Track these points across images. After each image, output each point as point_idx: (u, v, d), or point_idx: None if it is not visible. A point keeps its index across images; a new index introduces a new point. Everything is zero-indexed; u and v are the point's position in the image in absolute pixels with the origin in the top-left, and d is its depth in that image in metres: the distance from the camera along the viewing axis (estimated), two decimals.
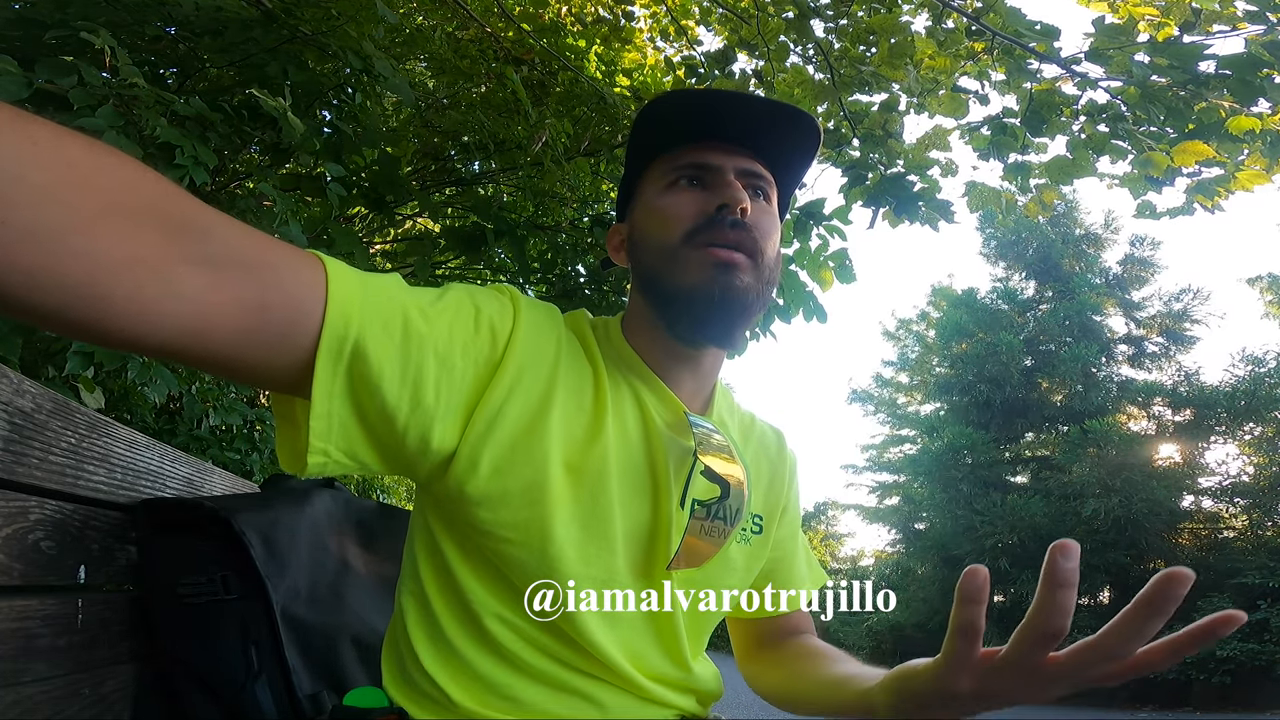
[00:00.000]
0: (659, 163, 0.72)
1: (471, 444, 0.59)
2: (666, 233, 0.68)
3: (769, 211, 0.71)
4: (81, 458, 0.73)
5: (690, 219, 0.67)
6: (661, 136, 0.72)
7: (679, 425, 0.70)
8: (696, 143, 0.70)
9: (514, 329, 0.62)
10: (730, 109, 0.69)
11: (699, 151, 0.70)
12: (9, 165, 0.36)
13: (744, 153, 0.71)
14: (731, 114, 0.69)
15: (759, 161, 0.72)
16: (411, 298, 0.56)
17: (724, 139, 0.70)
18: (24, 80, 1.43)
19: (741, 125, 0.69)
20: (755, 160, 0.71)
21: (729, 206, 0.66)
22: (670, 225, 0.68)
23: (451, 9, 3.22)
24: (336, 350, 0.50)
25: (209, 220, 0.45)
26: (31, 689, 0.63)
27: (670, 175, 0.70)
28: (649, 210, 0.71)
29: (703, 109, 0.69)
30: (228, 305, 0.44)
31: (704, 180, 0.69)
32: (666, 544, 0.66)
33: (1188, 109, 2.39)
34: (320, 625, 0.88)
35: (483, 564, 0.64)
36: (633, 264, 0.74)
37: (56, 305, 0.39)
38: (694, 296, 0.65)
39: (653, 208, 0.70)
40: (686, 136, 0.70)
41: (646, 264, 0.70)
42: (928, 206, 2.68)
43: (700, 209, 0.67)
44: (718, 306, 0.65)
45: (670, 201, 0.69)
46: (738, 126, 0.70)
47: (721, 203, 0.66)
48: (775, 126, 0.70)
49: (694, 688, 0.73)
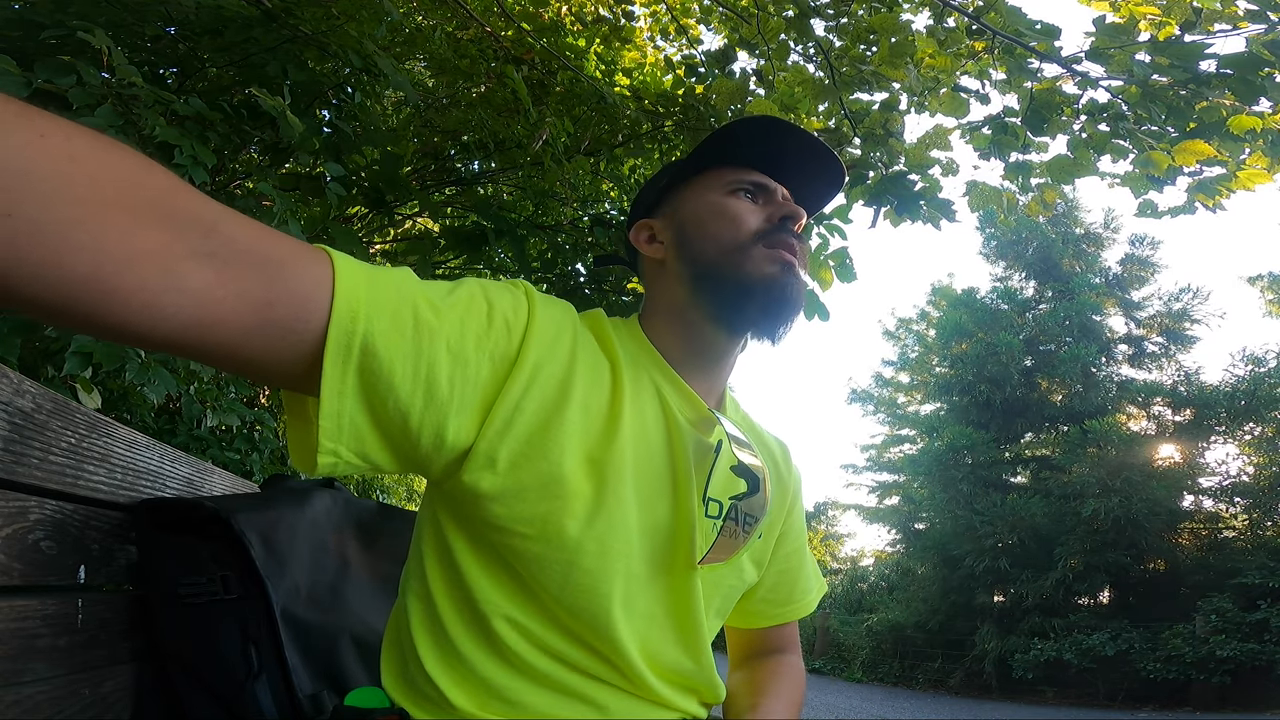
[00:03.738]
0: (718, 173, 0.78)
1: (489, 439, 0.58)
2: (737, 230, 0.74)
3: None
4: (81, 458, 0.73)
5: (760, 222, 0.74)
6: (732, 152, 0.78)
7: (701, 422, 0.71)
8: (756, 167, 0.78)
9: (529, 323, 0.62)
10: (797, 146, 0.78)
11: (759, 175, 0.78)
12: (15, 160, 0.36)
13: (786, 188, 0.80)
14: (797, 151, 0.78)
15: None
16: (422, 291, 0.56)
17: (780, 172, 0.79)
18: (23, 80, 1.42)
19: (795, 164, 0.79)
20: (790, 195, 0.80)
21: (793, 219, 0.75)
22: (741, 224, 0.74)
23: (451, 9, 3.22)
24: (345, 346, 0.49)
25: (215, 215, 0.45)
26: (31, 689, 0.63)
27: (732, 185, 0.77)
28: (713, 209, 0.76)
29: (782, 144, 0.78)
30: (233, 300, 0.44)
31: (761, 198, 0.77)
32: (688, 539, 0.67)
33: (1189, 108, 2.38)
34: (320, 625, 0.87)
35: (495, 562, 0.64)
36: (683, 255, 0.76)
37: (61, 299, 0.39)
38: (762, 287, 0.71)
39: (719, 207, 0.76)
40: (751, 160, 0.78)
41: (709, 256, 0.74)
42: (929, 206, 2.68)
43: (767, 216, 0.75)
44: (780, 298, 0.72)
45: (737, 205, 0.75)
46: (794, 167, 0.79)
47: (787, 214, 0.74)
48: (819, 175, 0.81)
49: (702, 685, 0.73)
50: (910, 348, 14.52)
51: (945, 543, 10.62)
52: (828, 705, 8.40)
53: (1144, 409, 10.90)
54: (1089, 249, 12.04)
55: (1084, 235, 12.08)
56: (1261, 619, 7.42)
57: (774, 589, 0.86)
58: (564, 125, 2.72)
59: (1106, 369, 11.33)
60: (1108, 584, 9.58)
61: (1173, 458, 10.04)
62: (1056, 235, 11.94)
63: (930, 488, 11.81)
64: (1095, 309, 11.32)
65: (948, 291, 13.49)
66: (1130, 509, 8.80)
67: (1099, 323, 11.44)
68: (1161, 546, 9.24)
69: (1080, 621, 8.81)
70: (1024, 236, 12.08)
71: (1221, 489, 9.66)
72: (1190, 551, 9.51)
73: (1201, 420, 9.90)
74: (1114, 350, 11.56)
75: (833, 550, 20.46)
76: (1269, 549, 8.44)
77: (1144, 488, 9.00)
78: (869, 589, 13.86)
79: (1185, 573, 9.05)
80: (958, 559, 10.22)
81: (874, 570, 15.16)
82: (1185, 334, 11.17)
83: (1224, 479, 9.69)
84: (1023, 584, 9.31)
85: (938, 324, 13.08)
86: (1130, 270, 11.76)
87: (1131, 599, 9.35)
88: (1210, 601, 7.89)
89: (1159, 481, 9.19)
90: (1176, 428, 10.26)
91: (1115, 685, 8.22)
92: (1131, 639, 8.17)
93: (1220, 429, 9.84)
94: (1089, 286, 11.37)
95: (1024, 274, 12.44)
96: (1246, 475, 9.55)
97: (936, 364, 13.06)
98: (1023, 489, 10.82)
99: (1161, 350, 11.35)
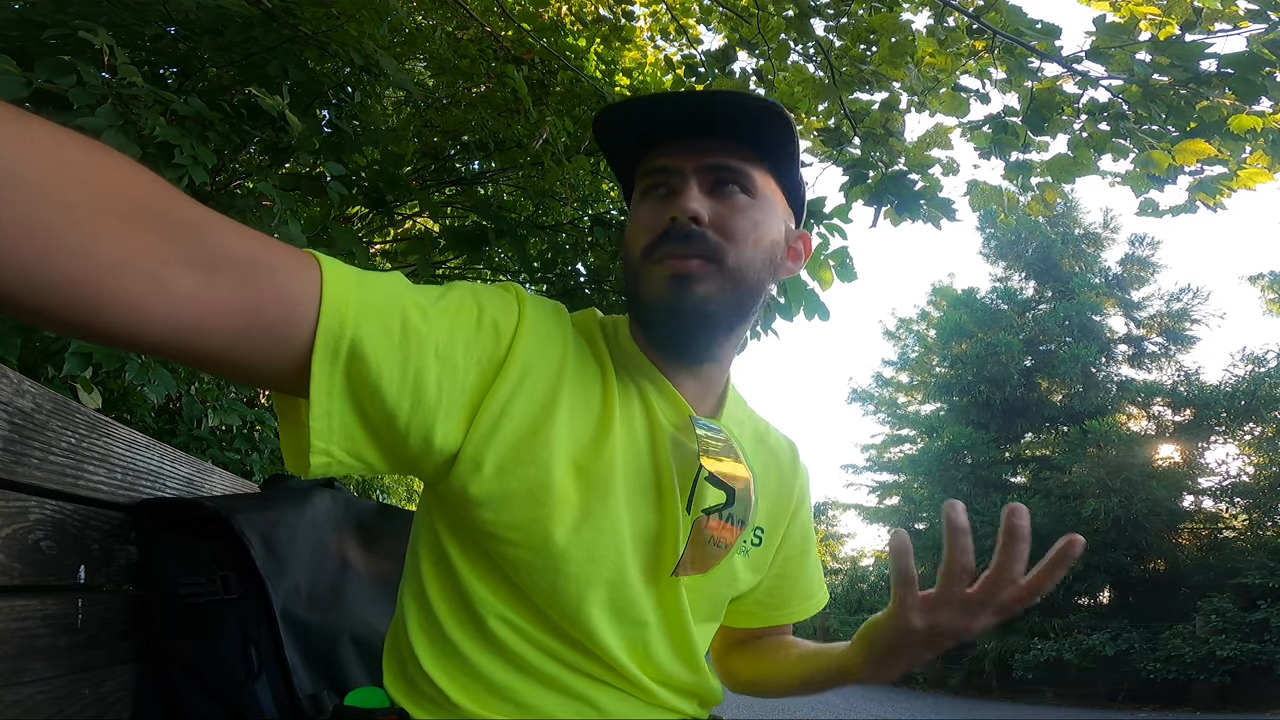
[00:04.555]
0: (639, 169, 0.71)
1: (475, 444, 0.58)
2: (632, 248, 0.68)
3: (740, 205, 0.67)
4: (81, 458, 0.73)
5: (647, 233, 0.67)
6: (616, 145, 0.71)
7: (685, 428, 0.70)
8: (659, 145, 0.68)
9: (519, 327, 0.62)
10: (673, 106, 0.68)
11: (661, 155, 0.68)
12: (5, 163, 0.36)
13: (711, 146, 0.67)
14: (677, 110, 0.67)
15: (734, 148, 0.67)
16: (411, 296, 0.56)
17: (683, 136, 0.67)
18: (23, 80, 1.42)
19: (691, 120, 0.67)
20: (725, 150, 0.67)
21: (677, 219, 0.64)
22: (634, 240, 0.68)
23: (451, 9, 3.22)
24: (333, 349, 0.50)
25: (203, 220, 0.45)
26: (31, 689, 0.63)
27: (644, 183, 0.70)
28: (629, 223, 0.71)
29: (645, 112, 0.68)
30: (221, 304, 0.44)
31: (670, 185, 0.67)
32: (674, 547, 0.66)
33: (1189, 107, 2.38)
34: (320, 625, 0.87)
35: (486, 565, 0.64)
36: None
37: (50, 303, 0.39)
38: (655, 310, 0.66)
39: (632, 218, 0.70)
40: (642, 139, 0.69)
41: (625, 278, 0.72)
42: (929, 205, 2.68)
43: (656, 222, 0.66)
44: (676, 319, 0.65)
45: (638, 214, 0.69)
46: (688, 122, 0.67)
47: (671, 215, 0.65)
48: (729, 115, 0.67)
49: (700, 691, 0.73)
50: (910, 348, 14.51)
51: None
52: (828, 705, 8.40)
53: (1144, 409, 10.90)
54: (1089, 249, 12.04)
55: (1084, 235, 12.08)
56: (1261, 619, 7.42)
57: (770, 592, 0.85)
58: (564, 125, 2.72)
59: (1106, 369, 11.33)
60: (1108, 584, 9.59)
61: (1173, 458, 10.04)
62: (1056, 235, 11.94)
63: (930, 488, 11.81)
64: (1095, 309, 11.32)
65: (948, 291, 13.49)
66: (1130, 509, 8.80)
67: (1099, 323, 11.44)
68: (1161, 546, 9.24)
69: (1080, 621, 8.82)
70: (1024, 236, 12.08)
71: (1221, 489, 9.66)
72: (1190, 551, 9.51)
73: (1201, 420, 9.90)
74: (1114, 350, 11.56)
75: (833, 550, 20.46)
76: (1269, 549, 8.44)
77: (1144, 488, 9.00)
78: (869, 589, 13.86)
79: (1185, 573, 9.06)
80: None
81: (874, 570, 15.16)
82: (1185, 334, 11.17)
83: (1224, 479, 9.70)
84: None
85: (938, 324, 13.08)
86: (1130, 270, 11.76)
87: (1131, 599, 9.36)
88: (1210, 601, 7.89)
89: (1159, 481, 9.19)
90: (1176, 428, 10.26)
91: (1115, 685, 8.22)
92: (1131, 639, 8.17)
93: (1220, 429, 9.84)
94: (1089, 286, 11.36)
95: (1024, 274, 12.44)
96: (1246, 475, 9.56)
97: (936, 364, 13.06)
98: (1023, 489, 10.83)
99: (1161, 350, 11.35)
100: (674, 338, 0.68)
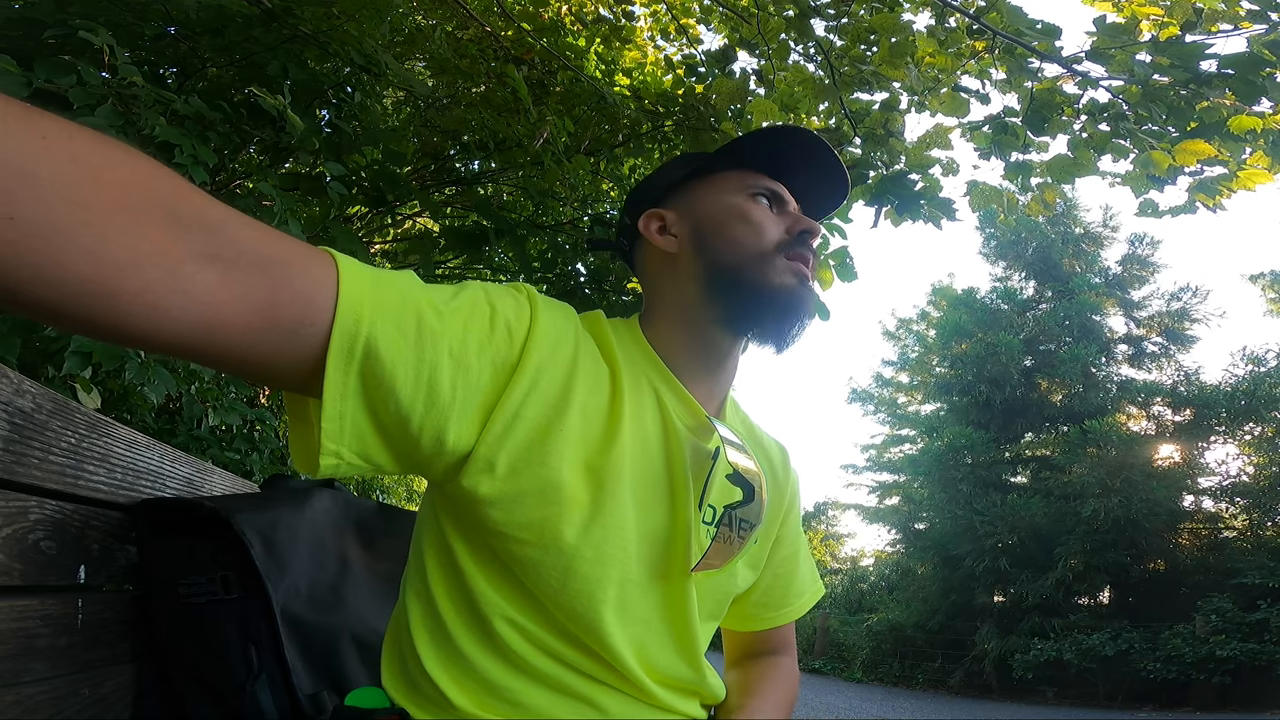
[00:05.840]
0: (735, 174, 0.78)
1: (489, 445, 0.58)
2: (760, 238, 0.74)
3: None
4: (81, 458, 0.73)
5: (781, 232, 0.75)
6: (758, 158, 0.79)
7: (700, 428, 0.71)
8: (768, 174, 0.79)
9: (531, 329, 0.62)
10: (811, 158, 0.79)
11: (773, 181, 0.78)
12: (18, 161, 0.36)
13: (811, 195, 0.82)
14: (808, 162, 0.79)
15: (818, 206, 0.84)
16: (425, 295, 0.56)
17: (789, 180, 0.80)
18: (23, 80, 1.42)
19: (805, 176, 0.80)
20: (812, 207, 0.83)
21: (811, 233, 0.76)
22: (764, 232, 0.75)
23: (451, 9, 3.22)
24: (348, 349, 0.49)
25: (219, 216, 0.44)
26: (31, 689, 0.63)
27: (751, 189, 0.77)
28: (735, 212, 0.76)
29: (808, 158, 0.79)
30: (237, 302, 0.44)
31: (776, 206, 0.78)
32: (684, 546, 0.67)
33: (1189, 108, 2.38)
34: (320, 625, 0.87)
35: (494, 565, 0.64)
36: (700, 254, 0.76)
37: (64, 302, 0.38)
38: (782, 296, 0.73)
39: (741, 211, 0.76)
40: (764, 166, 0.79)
41: (730, 259, 0.74)
42: (929, 205, 2.68)
43: (788, 227, 0.76)
44: (796, 308, 0.73)
45: (759, 212, 0.76)
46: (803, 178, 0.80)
47: (806, 229, 0.75)
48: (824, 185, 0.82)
49: (702, 690, 0.73)
50: (910, 348, 14.51)
51: (945, 543, 10.63)
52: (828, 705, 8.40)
53: (1144, 409, 10.89)
54: (1089, 249, 12.03)
55: (1084, 235, 12.07)
56: (1261, 619, 7.42)
57: (768, 592, 0.86)
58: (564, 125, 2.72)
59: (1106, 369, 11.33)
60: (1108, 584, 9.58)
61: (1172, 458, 10.03)
62: (1056, 235, 11.93)
63: (930, 488, 11.81)
64: (1095, 309, 11.32)
65: (948, 291, 13.49)
66: (1130, 509, 8.80)
67: (1099, 323, 11.44)
68: (1161, 547, 9.23)
69: (1080, 621, 8.81)
70: (1024, 236, 12.07)
71: (1221, 489, 9.65)
72: (1190, 551, 9.50)
73: (1201, 420, 9.90)
74: (1114, 350, 11.56)
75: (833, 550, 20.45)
76: (1269, 549, 8.44)
77: (1144, 488, 9.00)
78: (869, 589, 13.86)
79: (1185, 573, 9.05)
80: (958, 559, 10.22)
81: (874, 570, 15.16)
82: (1185, 334, 11.16)
83: (1224, 479, 9.69)
84: (1022, 584, 9.31)
85: (938, 324, 13.08)
86: (1130, 270, 11.75)
87: (1131, 599, 9.35)
88: (1210, 601, 7.88)
89: (1159, 481, 9.18)
90: (1176, 428, 10.26)
91: (1115, 685, 8.22)
92: (1131, 639, 8.17)
93: (1220, 429, 9.84)
94: (1089, 286, 11.36)
95: (1024, 274, 12.43)
96: (1246, 475, 9.55)
97: (936, 364, 13.05)
98: (1023, 489, 10.82)
99: (1161, 350, 11.35)
100: (780, 321, 0.74)
